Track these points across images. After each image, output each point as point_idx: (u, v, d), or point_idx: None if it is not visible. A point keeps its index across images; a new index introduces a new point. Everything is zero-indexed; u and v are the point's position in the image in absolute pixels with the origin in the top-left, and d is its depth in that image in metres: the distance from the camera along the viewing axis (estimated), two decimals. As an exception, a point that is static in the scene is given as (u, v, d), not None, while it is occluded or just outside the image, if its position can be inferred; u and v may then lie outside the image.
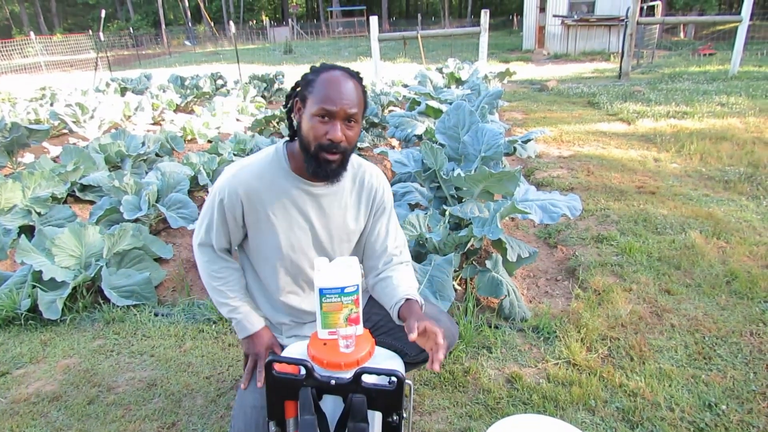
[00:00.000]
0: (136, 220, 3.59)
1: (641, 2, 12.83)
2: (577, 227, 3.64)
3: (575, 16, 18.88)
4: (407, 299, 1.45)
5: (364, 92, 1.41)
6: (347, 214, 1.55)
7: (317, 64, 1.41)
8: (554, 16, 19.37)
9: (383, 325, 1.64)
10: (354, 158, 1.55)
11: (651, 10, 16.87)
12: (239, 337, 1.56)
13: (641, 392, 2.03)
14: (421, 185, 3.47)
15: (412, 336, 1.26)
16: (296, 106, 1.42)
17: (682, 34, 22.79)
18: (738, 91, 9.01)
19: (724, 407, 1.94)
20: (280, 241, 1.48)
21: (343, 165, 1.42)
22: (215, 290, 1.55)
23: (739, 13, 10.83)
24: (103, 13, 16.28)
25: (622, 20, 12.41)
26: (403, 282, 1.53)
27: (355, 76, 1.39)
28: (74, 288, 2.84)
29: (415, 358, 1.60)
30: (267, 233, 1.48)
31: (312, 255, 1.53)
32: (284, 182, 1.46)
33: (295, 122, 1.45)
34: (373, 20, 10.71)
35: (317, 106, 1.32)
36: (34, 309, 2.75)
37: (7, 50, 20.53)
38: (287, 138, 1.52)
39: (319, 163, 1.37)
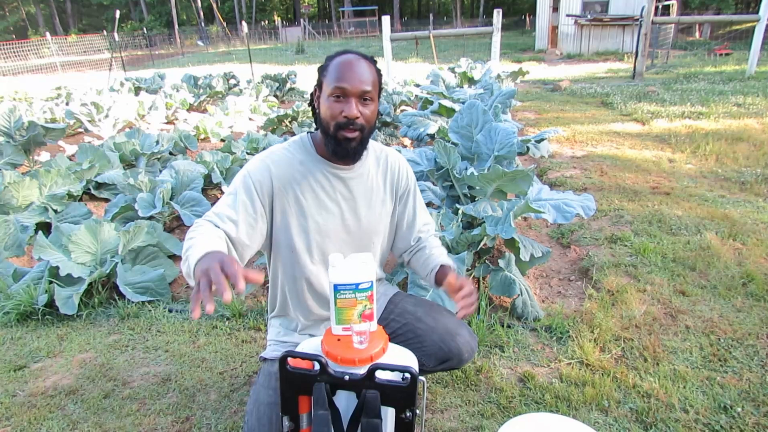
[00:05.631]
0: (150, 218, 3.62)
1: (656, 1, 12.71)
2: (591, 227, 3.61)
3: (589, 16, 18.77)
4: (442, 265, 1.59)
5: (379, 74, 1.45)
6: (374, 197, 1.59)
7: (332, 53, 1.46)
8: (567, 15, 19.27)
9: (402, 333, 1.64)
10: (376, 144, 1.63)
11: (666, 10, 16.73)
12: (192, 269, 1.11)
13: (655, 393, 2.01)
14: (434, 184, 3.46)
15: (449, 285, 1.47)
16: (315, 94, 1.48)
17: (697, 34, 22.57)
18: (755, 91, 8.88)
19: (739, 409, 1.92)
20: (309, 224, 1.49)
21: (362, 144, 1.45)
22: (186, 243, 1.24)
23: (757, 12, 10.68)
24: (117, 14, 16.47)
25: (637, 20, 12.30)
26: (435, 251, 1.66)
27: (369, 58, 1.44)
28: (90, 284, 2.88)
29: (433, 368, 1.61)
30: (296, 217, 1.48)
31: (339, 241, 1.54)
32: (312, 165, 1.50)
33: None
34: (385, 20, 10.72)
35: (332, 86, 1.38)
36: (50, 304, 2.79)
37: (23, 51, 20.85)
38: (311, 130, 1.58)
39: (339, 142, 1.41)
